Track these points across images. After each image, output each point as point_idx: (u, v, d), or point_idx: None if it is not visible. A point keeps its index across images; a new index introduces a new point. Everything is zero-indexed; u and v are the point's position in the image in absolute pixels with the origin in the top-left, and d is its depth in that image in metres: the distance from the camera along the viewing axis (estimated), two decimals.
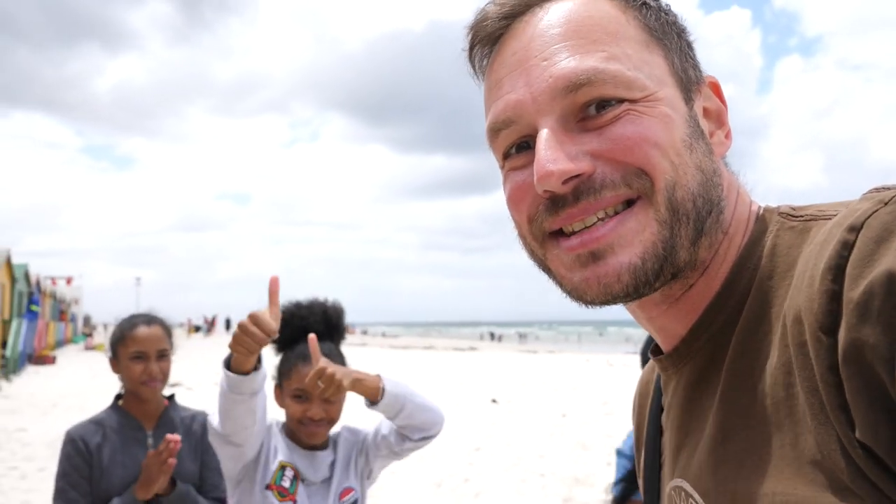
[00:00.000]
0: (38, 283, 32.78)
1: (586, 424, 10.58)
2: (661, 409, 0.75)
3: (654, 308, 0.68)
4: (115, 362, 2.32)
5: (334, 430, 1.98)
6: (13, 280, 26.55)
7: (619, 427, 10.63)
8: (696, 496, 0.62)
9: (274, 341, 1.86)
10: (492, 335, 70.80)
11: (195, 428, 2.40)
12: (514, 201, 0.67)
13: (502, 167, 0.69)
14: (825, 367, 0.49)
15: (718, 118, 0.70)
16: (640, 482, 0.82)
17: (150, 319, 2.33)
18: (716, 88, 0.71)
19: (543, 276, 0.69)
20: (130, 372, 2.26)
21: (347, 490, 1.89)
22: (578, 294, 0.64)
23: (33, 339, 24.20)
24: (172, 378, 2.38)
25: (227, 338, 2.22)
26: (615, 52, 0.62)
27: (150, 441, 2.29)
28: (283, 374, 1.90)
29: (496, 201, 0.74)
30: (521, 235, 0.69)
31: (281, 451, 1.88)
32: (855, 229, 0.50)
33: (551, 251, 0.66)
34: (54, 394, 14.85)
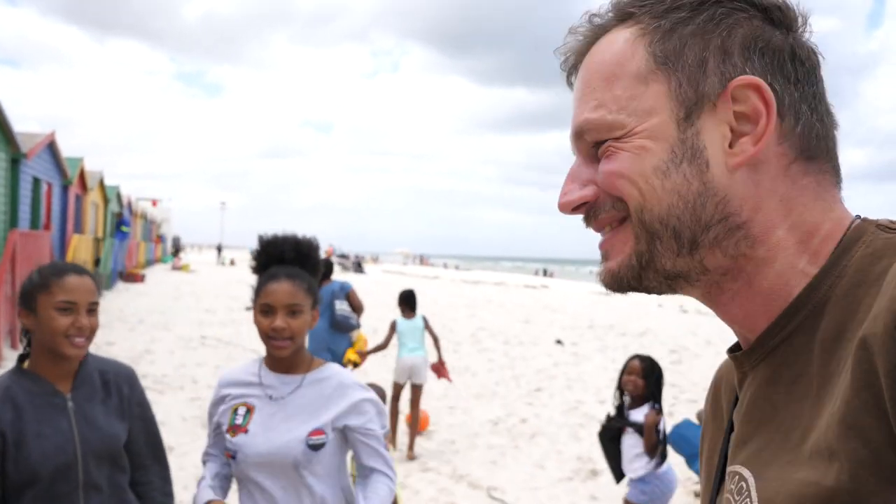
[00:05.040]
0: (129, 204, 34.47)
1: None
2: (736, 402, 0.79)
3: (708, 303, 0.76)
4: (29, 314, 1.92)
5: (342, 377, 2.12)
6: (106, 201, 28.02)
7: (685, 378, 10.51)
8: (751, 480, 0.66)
9: (252, 266, 2.16)
10: (545, 271, 77.49)
11: (119, 383, 2.08)
12: None
13: None
14: (894, 363, 0.53)
15: (755, 122, 0.68)
16: (702, 467, 0.88)
17: (80, 269, 1.99)
18: (757, 89, 0.67)
19: None
20: (54, 324, 1.88)
21: (317, 432, 2.02)
22: (600, 279, 0.78)
23: (124, 257, 25.63)
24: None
25: None
26: (604, 98, 0.72)
27: (70, 405, 1.95)
28: (256, 293, 2.08)
29: None
30: None
31: (233, 398, 2.10)
32: None
33: None
34: (142, 310, 15.83)
